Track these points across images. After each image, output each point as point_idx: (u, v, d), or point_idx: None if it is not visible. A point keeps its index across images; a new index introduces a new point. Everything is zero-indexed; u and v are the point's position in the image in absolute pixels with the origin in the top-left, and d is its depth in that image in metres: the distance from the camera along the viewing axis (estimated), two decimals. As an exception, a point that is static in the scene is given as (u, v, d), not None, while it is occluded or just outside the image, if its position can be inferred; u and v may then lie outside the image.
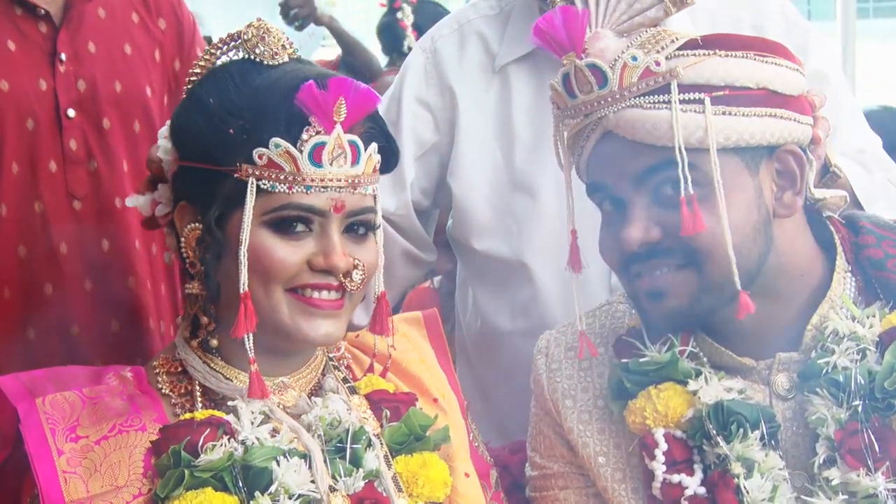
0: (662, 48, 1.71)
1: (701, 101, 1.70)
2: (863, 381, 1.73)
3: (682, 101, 1.70)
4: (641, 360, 1.85)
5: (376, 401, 1.84)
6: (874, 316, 1.79)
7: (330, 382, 1.85)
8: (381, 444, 1.80)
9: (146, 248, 2.32)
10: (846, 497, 1.71)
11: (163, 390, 1.79)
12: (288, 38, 1.80)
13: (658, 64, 1.71)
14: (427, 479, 1.80)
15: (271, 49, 1.76)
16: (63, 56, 2.22)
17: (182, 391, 1.79)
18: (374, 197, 1.78)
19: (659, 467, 1.80)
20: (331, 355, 1.90)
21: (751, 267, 1.76)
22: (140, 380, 1.79)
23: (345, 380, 1.87)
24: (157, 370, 1.82)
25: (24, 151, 2.19)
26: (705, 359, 1.86)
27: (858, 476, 1.70)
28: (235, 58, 1.80)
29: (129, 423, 1.71)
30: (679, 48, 1.71)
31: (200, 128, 1.75)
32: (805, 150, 1.80)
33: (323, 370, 1.87)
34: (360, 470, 1.74)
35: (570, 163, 1.84)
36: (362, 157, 1.72)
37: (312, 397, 1.81)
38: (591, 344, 1.86)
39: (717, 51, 1.72)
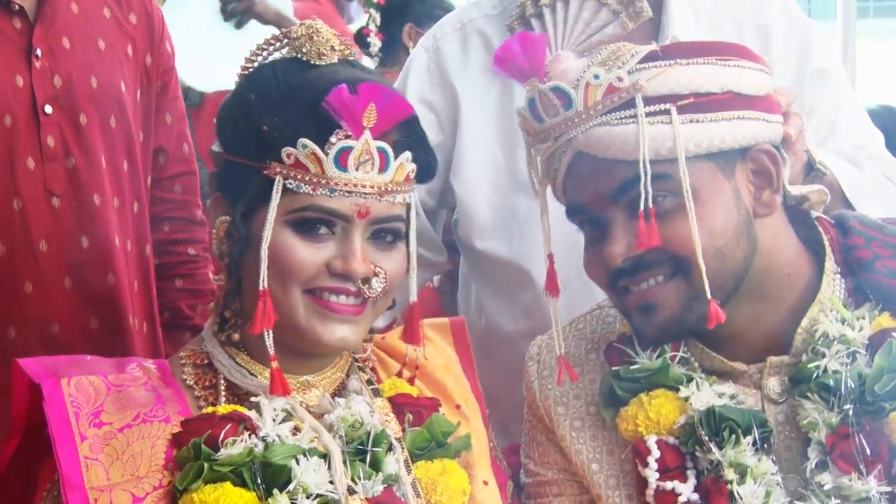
0: (623, 63, 1.71)
1: (667, 112, 1.70)
2: (853, 385, 1.73)
3: (648, 114, 1.70)
4: (632, 366, 1.85)
5: (399, 404, 1.84)
6: (864, 318, 1.79)
7: (354, 384, 1.84)
8: (402, 448, 1.79)
9: (123, 245, 2.32)
10: (839, 501, 1.72)
11: (187, 382, 1.79)
12: (342, 39, 1.79)
13: (620, 79, 1.70)
14: (446, 487, 1.80)
15: (318, 49, 1.75)
16: (38, 52, 2.20)
17: (206, 384, 1.79)
18: (408, 206, 1.76)
19: (652, 474, 1.80)
20: (356, 356, 1.89)
21: (737, 269, 1.76)
22: (164, 372, 1.79)
23: (369, 381, 1.87)
24: (184, 361, 1.82)
25: (1, 149, 2.18)
26: (696, 364, 1.86)
27: (850, 480, 1.70)
28: (286, 56, 1.79)
29: (153, 413, 1.71)
30: (640, 61, 1.71)
31: (238, 122, 1.76)
32: (778, 148, 1.79)
33: (348, 371, 1.86)
34: (380, 474, 1.74)
35: (545, 187, 1.83)
36: (391, 164, 1.71)
37: (336, 398, 1.81)
38: (570, 368, 1.85)
39: (678, 59, 1.72)
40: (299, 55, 1.76)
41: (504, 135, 2.36)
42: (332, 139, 1.68)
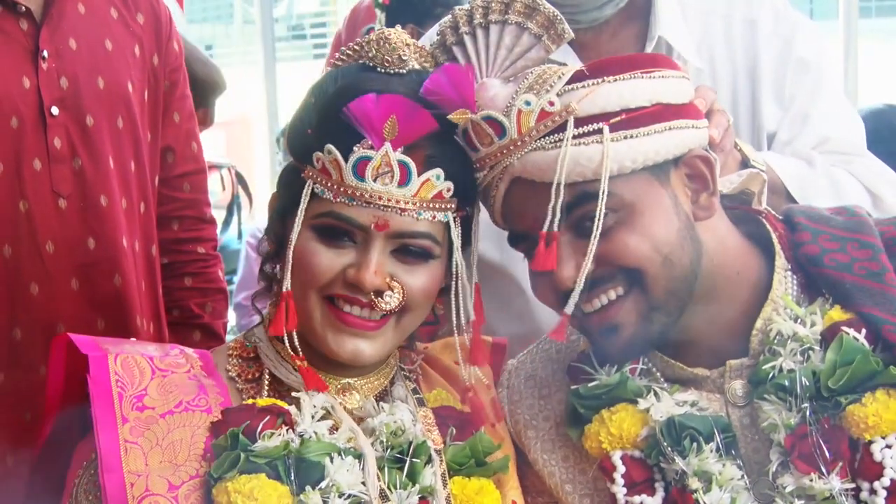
0: (551, 86, 1.71)
1: (601, 131, 1.69)
2: (808, 383, 1.71)
3: (583, 134, 1.70)
4: (591, 384, 1.84)
5: (443, 416, 1.84)
6: (816, 314, 1.77)
7: (399, 391, 1.85)
8: (441, 461, 1.80)
9: (131, 246, 2.33)
10: (803, 502, 1.69)
11: (230, 373, 1.81)
12: (422, 51, 1.79)
13: (552, 104, 1.70)
14: None
15: (382, 56, 1.76)
16: (45, 53, 2.22)
17: (249, 377, 1.81)
18: (445, 224, 1.75)
19: (619, 490, 1.79)
20: (402, 365, 1.90)
21: (686, 273, 1.75)
22: (206, 361, 1.80)
23: (414, 390, 1.87)
24: (231, 352, 1.84)
25: (8, 150, 2.18)
26: (659, 374, 1.85)
27: (812, 480, 1.68)
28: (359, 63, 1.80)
29: (196, 402, 1.72)
30: (567, 83, 1.71)
31: (295, 123, 1.79)
32: (709, 151, 1.79)
33: (392, 378, 1.87)
34: (417, 485, 1.74)
35: (478, 211, 1.84)
36: (413, 179, 1.71)
37: (380, 403, 1.81)
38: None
39: (605, 77, 1.71)
40: (367, 61, 1.77)
41: None
42: (356, 148, 1.70)
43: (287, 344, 1.74)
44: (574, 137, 1.69)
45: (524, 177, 1.73)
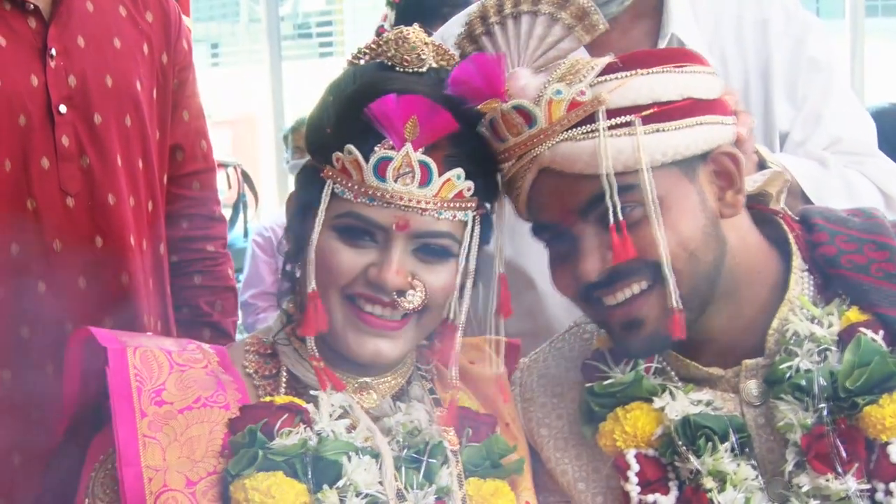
0: (583, 77, 1.70)
1: (631, 123, 1.69)
2: (825, 383, 1.70)
3: (613, 126, 1.68)
4: (606, 382, 1.84)
5: (460, 417, 1.84)
6: (833, 314, 1.77)
7: (416, 391, 1.85)
8: (457, 461, 1.79)
9: (139, 244, 2.33)
10: (818, 502, 1.69)
11: (247, 370, 1.80)
12: (441, 50, 1.79)
13: (583, 93, 1.69)
14: None
15: (401, 55, 1.75)
16: (53, 51, 2.22)
17: (266, 373, 1.80)
18: (464, 224, 1.75)
19: (633, 488, 1.78)
20: (419, 365, 1.89)
21: (709, 271, 1.74)
22: (223, 357, 1.79)
23: (431, 390, 1.87)
24: (248, 349, 1.83)
25: (16, 148, 2.18)
26: (673, 373, 1.84)
27: (828, 481, 1.68)
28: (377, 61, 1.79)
29: (214, 398, 1.71)
30: (599, 74, 1.70)
31: (313, 122, 1.79)
32: (735, 149, 1.79)
33: (409, 378, 1.86)
34: (433, 485, 1.74)
35: (503, 205, 1.82)
36: (434, 179, 1.70)
37: (397, 402, 1.81)
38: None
39: (637, 70, 1.70)
40: (386, 60, 1.76)
41: None
42: (376, 148, 1.69)
43: (307, 344, 1.74)
44: (609, 129, 1.68)
45: (552, 167, 1.71)
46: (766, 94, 2.30)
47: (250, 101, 9.22)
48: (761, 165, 1.91)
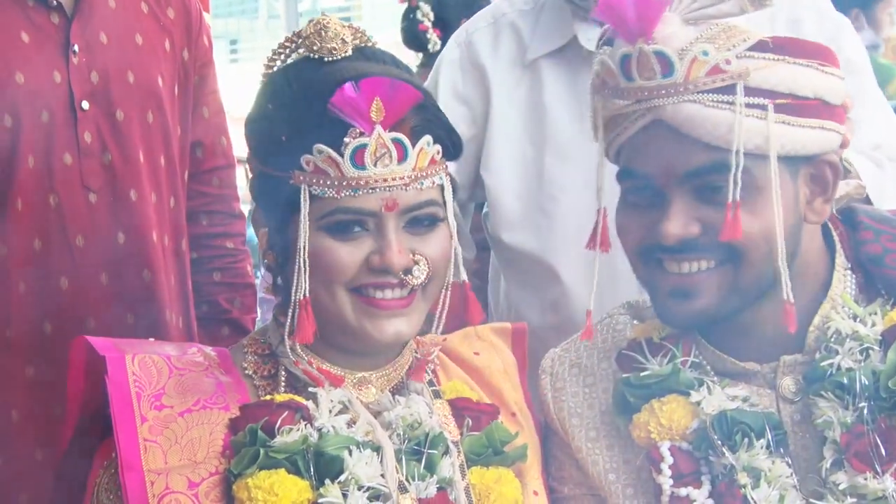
0: (734, 46, 1.67)
1: (764, 108, 1.67)
2: (867, 382, 1.70)
3: (746, 105, 1.66)
4: (643, 373, 1.82)
5: (459, 408, 1.84)
6: (876, 314, 1.76)
7: (415, 384, 1.84)
8: (459, 452, 1.79)
9: (160, 240, 2.32)
10: (855, 500, 1.68)
11: (246, 371, 1.79)
12: (355, 29, 1.78)
13: (728, 62, 1.67)
14: (500, 495, 1.79)
15: (328, 45, 1.74)
16: (76, 47, 2.22)
17: (265, 373, 1.79)
18: (442, 188, 1.75)
19: (666, 481, 1.77)
20: (419, 356, 1.88)
21: (777, 269, 1.72)
22: (224, 359, 1.79)
23: (430, 383, 1.86)
24: (246, 350, 1.83)
25: (39, 144, 2.18)
26: (709, 367, 1.83)
27: (866, 479, 1.67)
28: (300, 56, 1.78)
29: (214, 400, 1.72)
30: (749, 48, 1.68)
31: (261, 133, 1.77)
32: (842, 158, 1.79)
33: (408, 370, 1.86)
34: (434, 476, 1.73)
35: (603, 140, 1.79)
36: (410, 153, 1.70)
37: (396, 396, 1.80)
38: (589, 328, 1.83)
39: (786, 57, 1.69)
40: (311, 54, 1.75)
41: (533, 130, 2.38)
42: (346, 139, 1.68)
43: (296, 349, 1.74)
44: (746, 107, 1.66)
45: (671, 123, 1.69)
46: None
47: (268, 97, 9.20)
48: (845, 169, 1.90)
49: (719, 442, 1.74)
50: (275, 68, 1.79)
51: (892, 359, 1.69)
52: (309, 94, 1.70)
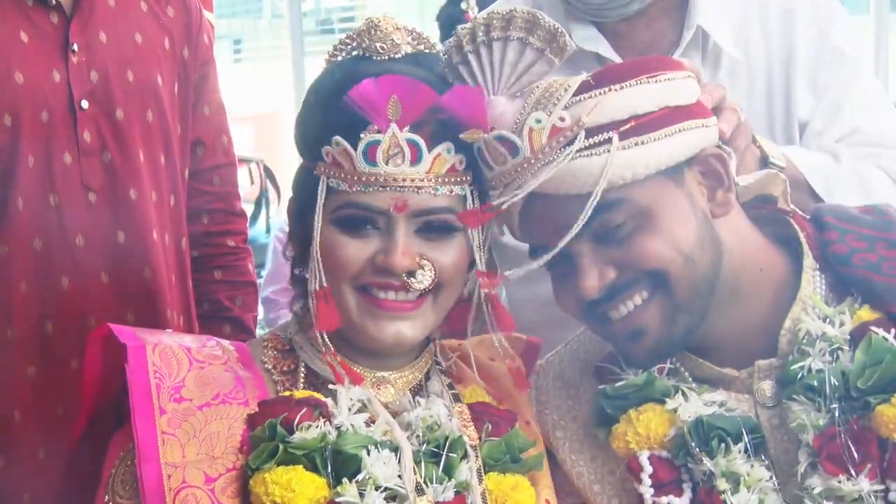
0: (558, 100, 1.70)
1: (612, 140, 1.69)
2: (837, 383, 1.70)
3: (594, 145, 1.69)
4: (618, 384, 1.83)
5: (479, 412, 1.84)
6: (845, 314, 1.76)
7: (435, 386, 1.85)
8: (477, 456, 1.79)
9: (161, 239, 2.33)
10: (831, 503, 1.68)
11: (266, 365, 1.81)
12: (415, 34, 1.79)
13: (562, 119, 1.70)
14: (516, 503, 1.79)
15: (376, 44, 1.76)
16: (75, 47, 2.22)
17: (285, 369, 1.81)
18: (462, 198, 1.75)
19: (646, 490, 1.78)
20: (438, 360, 1.89)
21: (708, 272, 1.75)
22: (243, 354, 1.81)
23: (450, 386, 1.87)
24: (266, 344, 1.84)
25: (39, 144, 2.17)
26: (687, 374, 1.84)
27: (840, 482, 1.67)
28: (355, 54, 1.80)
29: (233, 395, 1.72)
30: (574, 94, 1.70)
31: (300, 123, 1.80)
32: (722, 147, 1.79)
33: (427, 373, 1.87)
34: (453, 480, 1.74)
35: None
36: (425, 156, 1.71)
37: (416, 397, 1.81)
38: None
39: (611, 86, 1.71)
40: (361, 52, 1.77)
41: None
42: (363, 135, 1.70)
43: (320, 339, 1.75)
44: (586, 148, 1.69)
45: (539, 191, 1.72)
46: (788, 83, 2.28)
47: (273, 96, 9.24)
48: (764, 160, 1.90)
49: (697, 448, 1.75)
50: (336, 60, 1.80)
51: (861, 358, 1.69)
52: (339, 89, 1.72)
